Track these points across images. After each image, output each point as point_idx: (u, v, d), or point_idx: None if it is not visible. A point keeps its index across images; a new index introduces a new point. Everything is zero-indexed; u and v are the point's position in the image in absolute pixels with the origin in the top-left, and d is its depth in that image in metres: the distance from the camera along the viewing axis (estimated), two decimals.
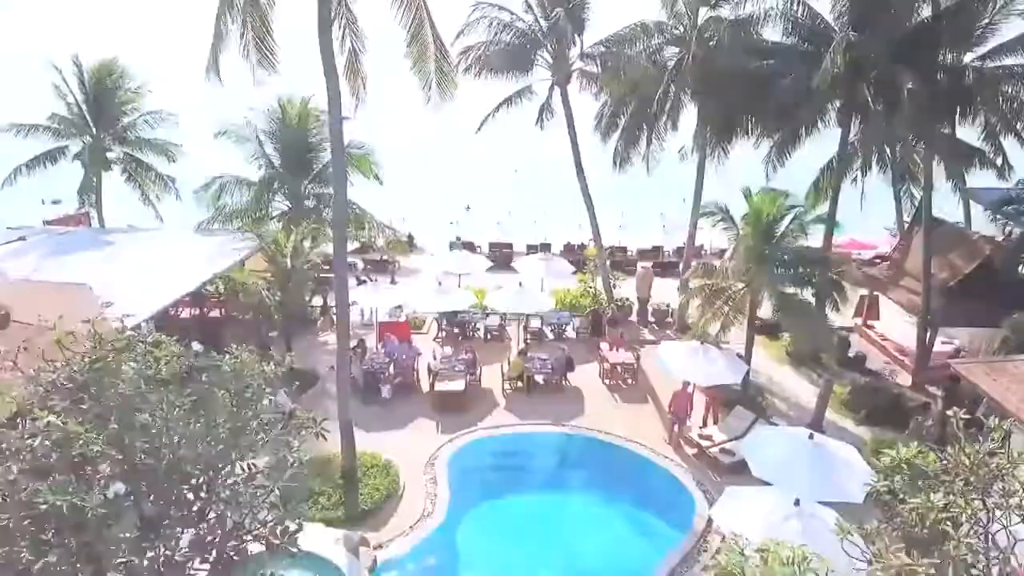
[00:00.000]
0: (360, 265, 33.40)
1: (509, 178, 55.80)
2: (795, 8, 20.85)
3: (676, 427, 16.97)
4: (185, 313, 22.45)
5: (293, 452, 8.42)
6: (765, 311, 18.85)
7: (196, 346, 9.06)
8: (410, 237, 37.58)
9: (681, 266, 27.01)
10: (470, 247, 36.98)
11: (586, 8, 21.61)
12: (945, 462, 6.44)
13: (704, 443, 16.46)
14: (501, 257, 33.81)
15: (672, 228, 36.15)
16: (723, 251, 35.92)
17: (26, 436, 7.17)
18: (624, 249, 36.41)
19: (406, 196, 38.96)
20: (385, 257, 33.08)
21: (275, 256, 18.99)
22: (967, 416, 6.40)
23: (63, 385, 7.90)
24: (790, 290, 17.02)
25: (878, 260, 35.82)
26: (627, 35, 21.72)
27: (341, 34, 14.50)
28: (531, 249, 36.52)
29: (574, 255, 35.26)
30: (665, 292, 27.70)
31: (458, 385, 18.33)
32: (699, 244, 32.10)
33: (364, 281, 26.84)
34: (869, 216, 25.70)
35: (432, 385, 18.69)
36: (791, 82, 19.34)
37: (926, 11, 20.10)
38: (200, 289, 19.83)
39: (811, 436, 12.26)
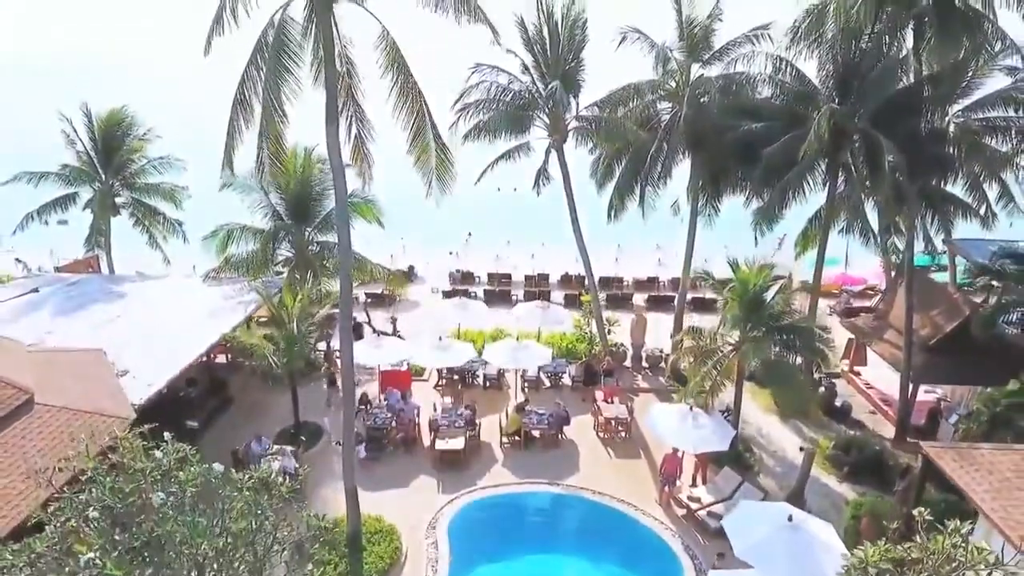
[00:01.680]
0: (361, 298, 34.17)
1: (509, 198, 56.42)
2: (783, 73, 21.65)
3: (667, 487, 17.75)
4: None
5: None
6: None
7: (217, 467, 9.76)
8: (410, 268, 38.41)
9: (676, 300, 27.66)
10: (469, 278, 37.87)
11: (581, 70, 22.29)
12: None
13: (692, 505, 17.25)
14: (499, 295, 34.69)
15: (667, 259, 36.87)
16: (718, 282, 36.79)
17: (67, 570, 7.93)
18: (620, 280, 37.17)
19: (406, 224, 39.58)
20: (385, 291, 33.85)
21: (280, 319, 19.67)
22: None
23: (98, 519, 8.66)
24: (776, 355, 17.76)
25: (870, 291, 36.76)
26: (620, 96, 22.44)
27: (348, 123, 15.26)
28: (529, 280, 37.40)
29: (571, 287, 36.12)
30: (660, 330, 28.47)
31: (458, 443, 19.09)
32: (696, 269, 32.79)
33: (368, 324, 27.56)
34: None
35: (433, 442, 19.43)
36: (780, 147, 20.12)
37: (910, 57, 20.94)
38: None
39: (790, 518, 13.00)
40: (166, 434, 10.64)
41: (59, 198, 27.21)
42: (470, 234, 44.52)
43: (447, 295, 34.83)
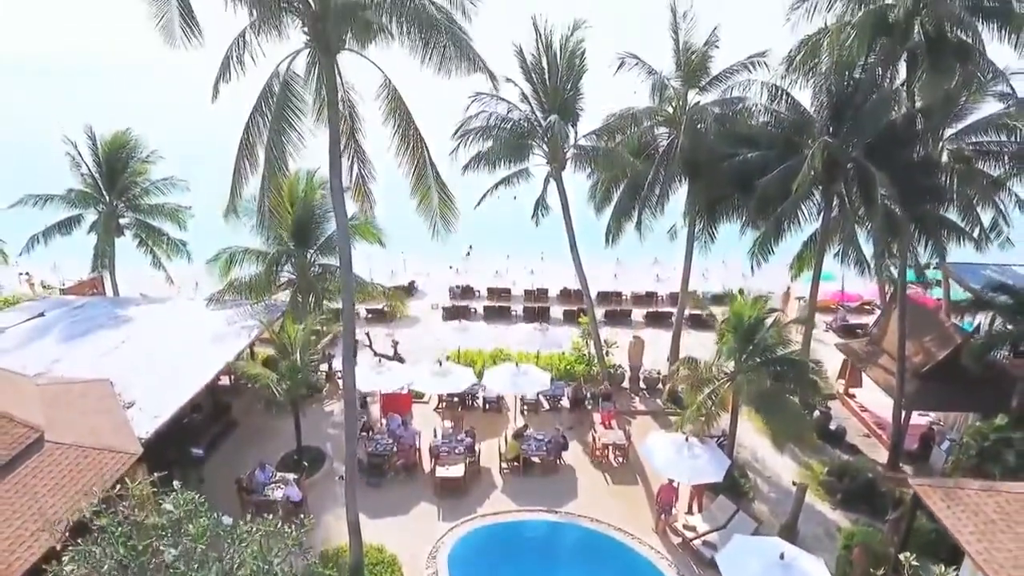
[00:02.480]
0: (363, 313, 34.56)
1: (508, 208, 56.72)
2: (778, 102, 21.97)
3: (663, 516, 18.10)
4: None
5: None
6: None
7: (226, 519, 10.11)
8: (411, 284, 38.78)
9: (674, 316, 27.97)
10: (469, 293, 38.23)
11: (580, 98, 22.59)
12: None
13: (688, 534, 17.60)
14: (498, 311, 35.13)
15: (666, 274, 37.22)
16: (715, 296, 37.20)
17: None
18: (619, 295, 37.53)
19: (407, 237, 39.99)
20: (386, 307, 34.19)
21: (284, 348, 20.01)
22: None
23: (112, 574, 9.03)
24: (769, 387, 18.09)
25: (867, 306, 37.11)
26: (618, 125, 22.76)
27: (350, 163, 15.62)
28: (528, 295, 37.75)
29: (571, 301, 36.45)
30: (659, 346, 28.82)
31: (458, 470, 19.43)
32: (693, 289, 33.23)
33: (369, 347, 27.89)
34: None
35: (434, 469, 19.77)
36: (774, 177, 20.47)
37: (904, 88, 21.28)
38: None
39: (782, 555, 13.35)
40: (175, 483, 11.03)
41: (64, 220, 27.54)
42: (471, 247, 44.86)
43: (447, 311, 35.22)
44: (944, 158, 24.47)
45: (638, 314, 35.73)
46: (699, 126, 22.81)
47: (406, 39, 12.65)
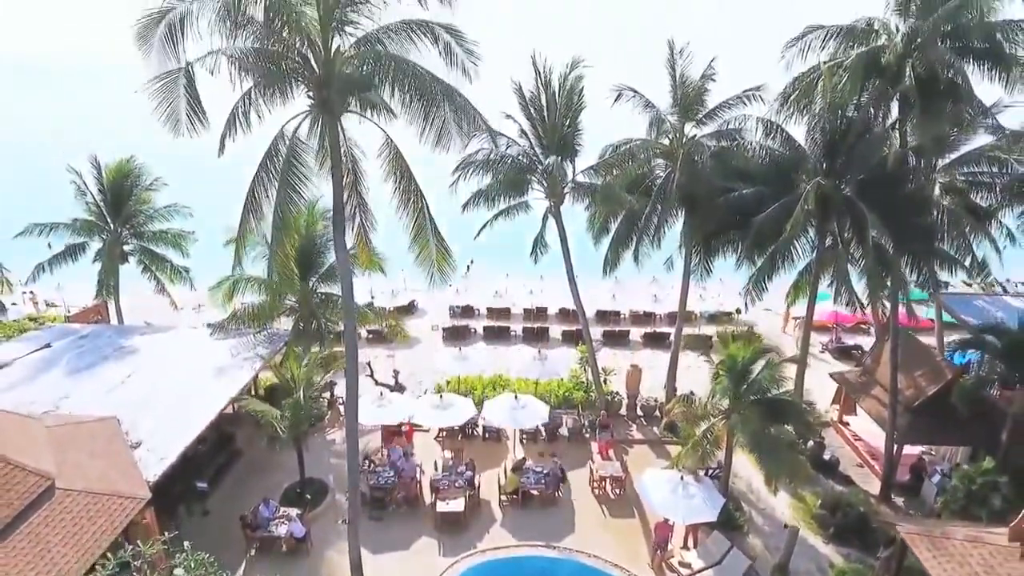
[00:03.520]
0: (363, 334, 34.93)
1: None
2: (773, 138, 22.34)
3: (658, 551, 18.50)
4: None
5: None
6: None
7: None
8: (411, 303, 39.16)
9: (672, 336, 28.35)
10: (469, 312, 38.63)
11: (578, 134, 22.95)
12: None
13: (683, 571, 18.01)
14: (498, 331, 35.54)
15: (663, 293, 37.55)
16: (712, 315, 37.60)
17: None
18: (617, 314, 37.93)
19: (407, 253, 40.33)
20: (385, 328, 34.56)
21: (287, 386, 20.39)
22: None
23: None
24: (762, 428, 18.44)
25: (863, 325, 37.46)
26: (615, 160, 23.12)
27: (352, 213, 16.00)
28: (528, 314, 38.17)
29: (570, 321, 36.83)
30: (657, 365, 29.21)
31: (458, 505, 19.80)
32: (690, 310, 33.63)
33: (371, 376, 28.31)
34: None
35: (434, 503, 20.14)
36: (769, 216, 20.86)
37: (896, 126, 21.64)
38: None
39: None
40: (185, 543, 11.42)
41: (69, 248, 27.91)
42: (472, 262, 45.20)
43: (447, 332, 35.61)
44: (936, 191, 24.94)
45: (636, 334, 36.13)
46: (696, 159, 23.16)
47: (407, 111, 13.01)
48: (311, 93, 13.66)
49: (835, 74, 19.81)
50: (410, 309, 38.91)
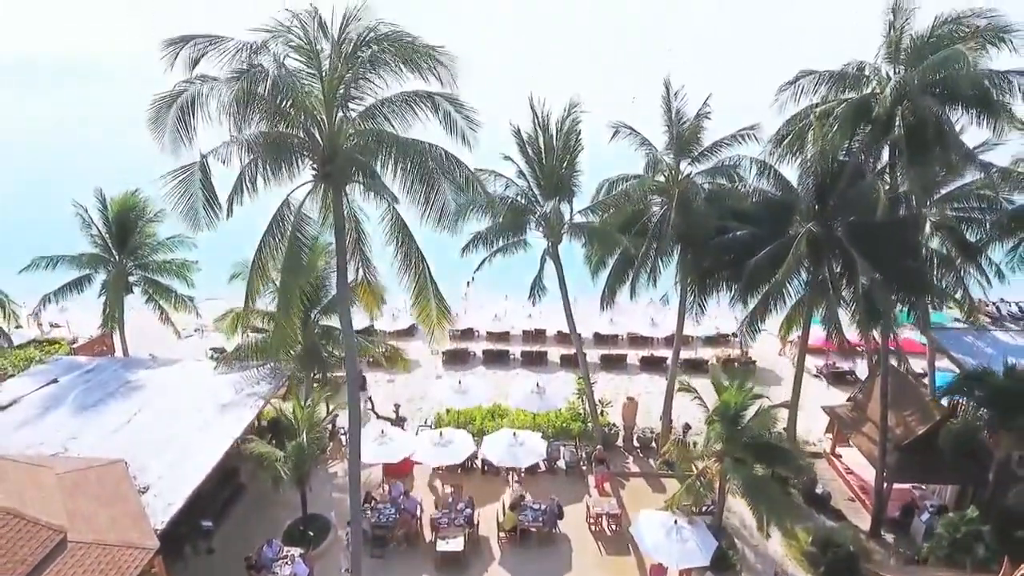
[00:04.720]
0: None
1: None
2: (766, 179, 22.83)
3: None
4: None
5: None
6: None
7: None
8: (412, 326, 39.57)
9: (669, 359, 28.81)
10: (468, 335, 39.08)
11: (576, 174, 23.41)
12: None
13: None
14: (497, 354, 36.01)
15: (660, 317, 37.94)
16: (709, 338, 37.99)
17: None
18: (615, 338, 38.37)
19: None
20: (385, 352, 34.97)
21: (291, 429, 20.86)
22: None
23: None
24: (754, 473, 18.94)
25: (859, 347, 37.84)
26: (612, 201, 23.57)
27: (355, 268, 16.47)
28: (527, 336, 38.65)
29: (568, 344, 37.24)
30: (654, 397, 29.64)
31: (458, 544, 20.28)
32: (686, 334, 34.07)
33: (372, 410, 28.79)
34: None
35: (434, 542, 20.60)
36: (762, 258, 21.35)
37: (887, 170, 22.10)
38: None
39: None
40: None
41: (75, 280, 28.36)
42: (472, 279, 45.57)
43: (447, 355, 36.07)
44: (928, 228, 25.43)
45: (634, 357, 36.57)
46: (691, 197, 23.60)
47: (409, 195, 13.47)
48: (315, 166, 14.10)
49: (824, 124, 20.25)
50: (410, 332, 39.33)
